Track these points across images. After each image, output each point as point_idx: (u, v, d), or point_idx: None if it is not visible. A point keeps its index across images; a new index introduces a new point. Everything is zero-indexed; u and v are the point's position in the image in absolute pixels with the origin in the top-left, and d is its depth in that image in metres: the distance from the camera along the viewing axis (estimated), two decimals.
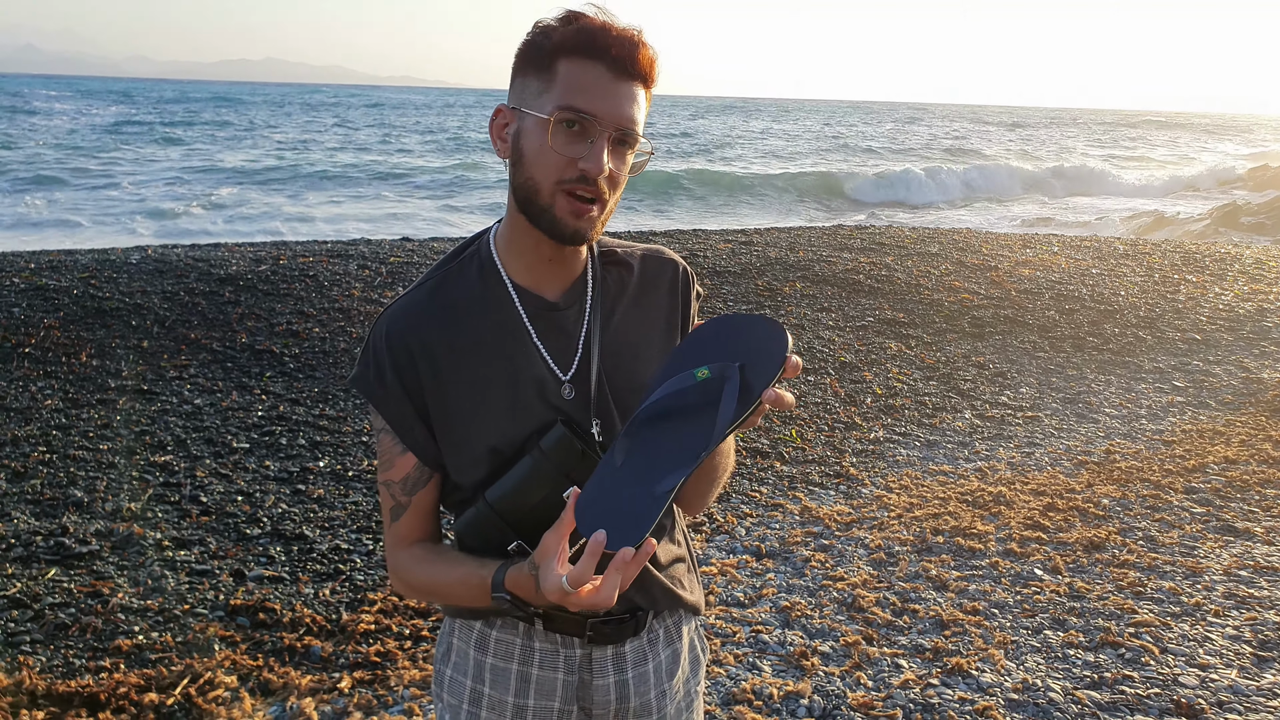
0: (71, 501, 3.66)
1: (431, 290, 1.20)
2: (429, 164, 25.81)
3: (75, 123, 35.97)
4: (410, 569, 1.19)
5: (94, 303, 5.78)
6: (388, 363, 1.16)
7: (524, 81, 1.11)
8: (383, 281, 6.74)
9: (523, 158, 1.10)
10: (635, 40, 1.07)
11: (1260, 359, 6.47)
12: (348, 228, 15.20)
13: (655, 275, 1.27)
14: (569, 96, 1.06)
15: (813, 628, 3.05)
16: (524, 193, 1.11)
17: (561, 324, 1.19)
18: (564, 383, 1.17)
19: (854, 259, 8.56)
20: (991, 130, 62.20)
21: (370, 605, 3.07)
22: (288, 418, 4.63)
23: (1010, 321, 6.98)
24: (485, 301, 1.18)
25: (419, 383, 1.16)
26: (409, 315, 1.18)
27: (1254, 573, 3.50)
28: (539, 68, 1.09)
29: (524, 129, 1.10)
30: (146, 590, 3.08)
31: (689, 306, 1.29)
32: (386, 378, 1.16)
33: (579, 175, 1.07)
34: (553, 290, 1.20)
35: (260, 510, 3.71)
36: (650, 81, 1.10)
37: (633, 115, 1.08)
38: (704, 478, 1.25)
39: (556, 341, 1.18)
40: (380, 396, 1.17)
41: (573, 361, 1.18)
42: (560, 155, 1.07)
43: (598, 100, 1.06)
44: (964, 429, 5.04)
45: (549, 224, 1.10)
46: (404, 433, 1.17)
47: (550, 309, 1.19)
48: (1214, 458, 4.65)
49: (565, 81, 1.06)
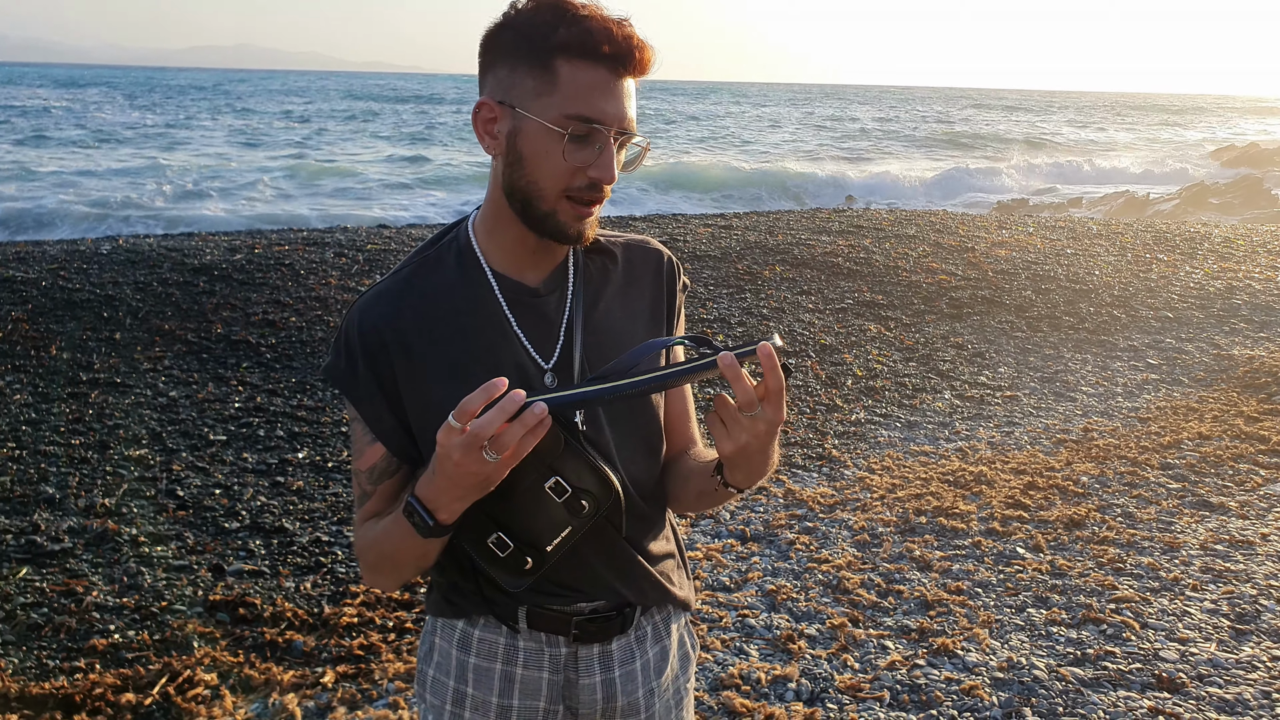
0: (43, 498, 3.58)
1: (407, 278, 1.17)
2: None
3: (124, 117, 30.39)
4: (360, 541, 1.17)
5: (64, 295, 5.66)
6: (359, 352, 1.13)
7: (513, 75, 1.07)
8: (360, 269, 6.65)
9: (523, 160, 1.07)
10: (633, 39, 1.04)
11: (1230, 336, 6.56)
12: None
13: (640, 264, 1.24)
14: (576, 105, 1.03)
15: (799, 611, 3.06)
16: (524, 195, 1.09)
17: (542, 310, 1.16)
18: (546, 371, 1.15)
19: (832, 242, 8.57)
20: (969, 112, 62.55)
21: (352, 598, 3.04)
22: (265, 409, 4.56)
23: (988, 302, 7.02)
24: (463, 288, 1.15)
25: (392, 372, 1.13)
26: (383, 303, 1.15)
27: (1229, 546, 3.55)
28: (533, 64, 1.05)
29: (523, 131, 1.06)
30: (122, 588, 3.02)
31: (675, 298, 1.26)
32: (358, 368, 1.13)
33: (589, 183, 1.06)
34: (533, 276, 1.17)
35: (239, 503, 3.65)
36: (645, 73, 1.09)
37: (631, 113, 1.07)
38: (702, 501, 1.24)
39: (537, 329, 1.16)
40: (351, 386, 1.14)
41: (554, 349, 1.16)
42: (571, 165, 1.05)
43: (603, 105, 1.04)
44: (944, 409, 5.07)
45: (553, 228, 1.09)
46: (373, 423, 1.14)
47: (531, 295, 1.16)
48: (1188, 434, 4.72)
49: (569, 86, 1.03)
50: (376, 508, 1.17)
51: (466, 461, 0.96)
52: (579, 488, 1.05)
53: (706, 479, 1.16)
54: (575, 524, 1.07)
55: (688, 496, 1.24)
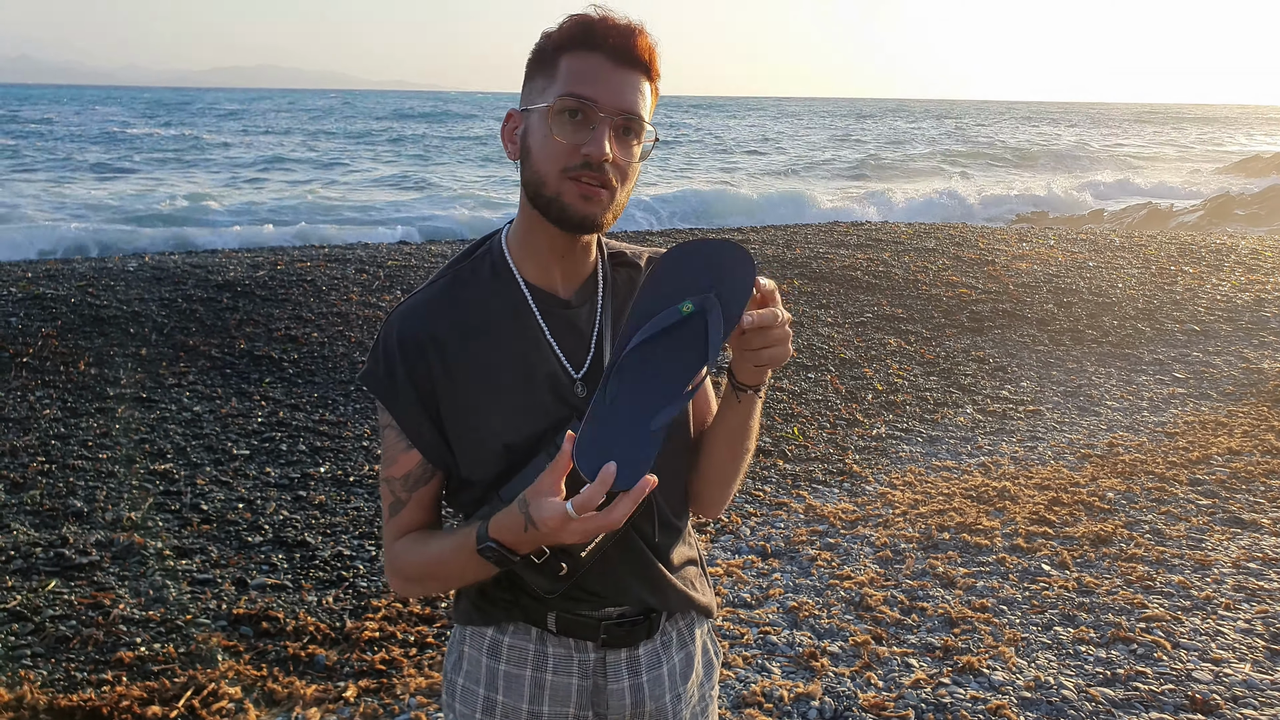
0: (71, 512, 3.62)
1: (444, 288, 1.20)
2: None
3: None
4: (403, 555, 1.19)
5: (92, 311, 5.75)
6: (398, 358, 1.16)
7: (530, 84, 1.14)
8: (381, 285, 6.71)
9: (530, 153, 1.12)
10: (633, 29, 1.09)
11: (1260, 349, 6.46)
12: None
13: None
14: (569, 85, 1.08)
15: (821, 628, 3.03)
16: (533, 186, 1.12)
17: (574, 322, 1.20)
18: (576, 380, 1.17)
19: (851, 255, 8.55)
20: (997, 122, 62.28)
21: (374, 612, 3.05)
22: (287, 423, 4.60)
23: (1009, 315, 6.97)
24: (498, 299, 1.19)
25: (430, 379, 1.16)
26: (421, 311, 1.18)
27: (1263, 565, 3.49)
28: (543, 67, 1.12)
29: (530, 126, 1.13)
30: (148, 601, 3.05)
31: None
32: (397, 374, 1.16)
33: (583, 161, 1.08)
34: (565, 289, 1.21)
35: (261, 518, 3.68)
36: (653, 72, 1.12)
37: (635, 102, 1.10)
38: (726, 470, 1.24)
39: (569, 339, 1.19)
40: (389, 393, 1.17)
41: (585, 359, 1.19)
42: (563, 143, 1.08)
43: (598, 86, 1.08)
44: (966, 424, 5.02)
45: (558, 212, 1.11)
46: (410, 429, 1.17)
47: (563, 307, 1.20)
48: (1217, 449, 4.64)
49: (566, 73, 1.09)
50: (410, 517, 1.19)
51: (570, 537, 1.01)
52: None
53: (729, 407, 1.18)
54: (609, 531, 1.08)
55: (720, 455, 1.23)
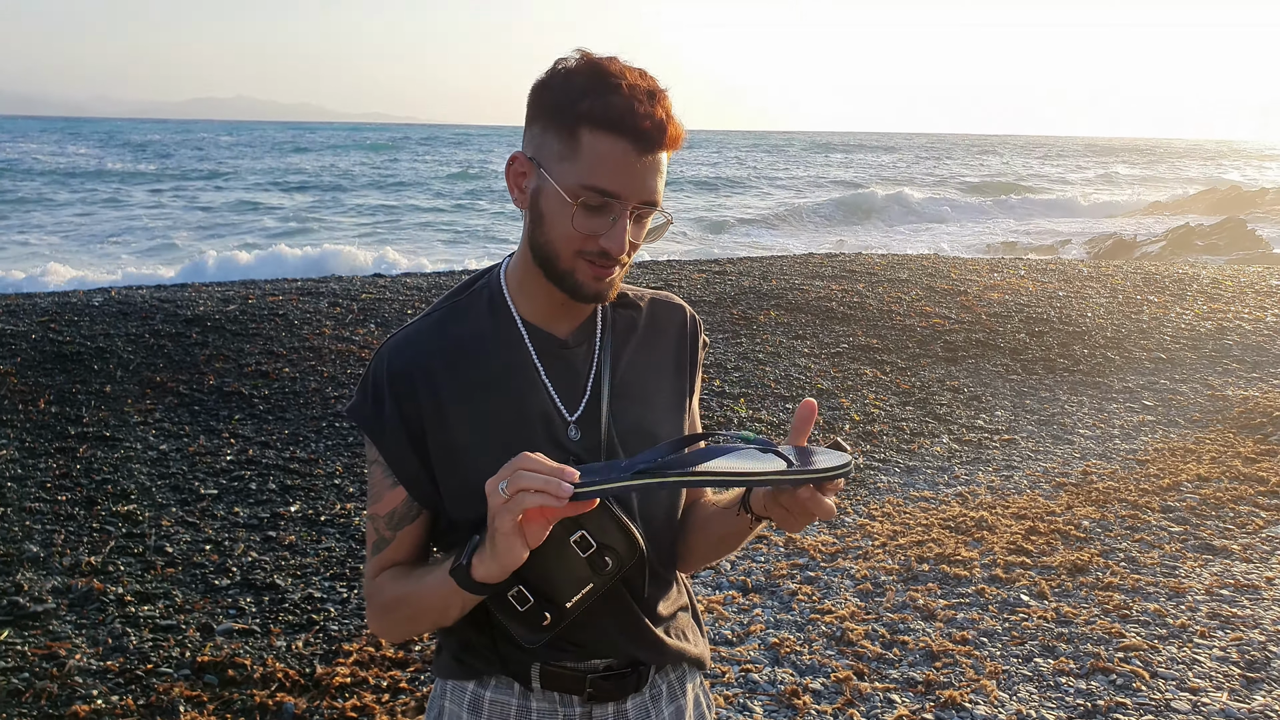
0: (26, 557, 3.50)
1: (438, 321, 1.17)
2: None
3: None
4: (383, 588, 1.14)
5: (54, 347, 5.62)
6: (387, 393, 1.13)
7: (544, 135, 1.07)
8: (354, 319, 6.64)
9: (543, 220, 1.08)
10: (663, 116, 1.04)
11: (1224, 376, 6.57)
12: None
13: (664, 319, 1.25)
14: (593, 176, 1.03)
15: (803, 664, 2.99)
16: (543, 253, 1.10)
17: (570, 361, 1.17)
18: (570, 423, 1.14)
19: (826, 286, 8.62)
20: (959, 156, 63.59)
21: (345, 657, 2.96)
22: (257, 461, 4.50)
23: (982, 345, 7.04)
24: (494, 336, 1.16)
25: (419, 415, 1.12)
26: (413, 345, 1.15)
27: (1235, 591, 3.51)
28: (560, 126, 1.05)
29: (544, 191, 1.08)
30: (106, 650, 2.94)
31: (697, 354, 1.28)
32: (384, 408, 1.12)
33: (600, 251, 1.06)
34: (562, 328, 1.18)
35: (229, 559, 3.58)
36: (676, 148, 1.08)
37: (655, 187, 1.06)
38: (708, 555, 1.22)
39: (564, 380, 1.16)
40: (376, 428, 1.13)
41: (580, 402, 1.16)
42: (582, 233, 1.05)
43: (622, 179, 1.03)
44: (942, 454, 5.04)
45: (570, 286, 1.10)
46: (397, 466, 1.13)
47: (560, 346, 1.17)
48: (1187, 476, 4.69)
49: (590, 156, 1.03)
50: (394, 555, 1.16)
51: (502, 516, 0.94)
52: (604, 544, 1.03)
53: (730, 520, 1.14)
54: (597, 581, 1.04)
55: (707, 543, 1.22)
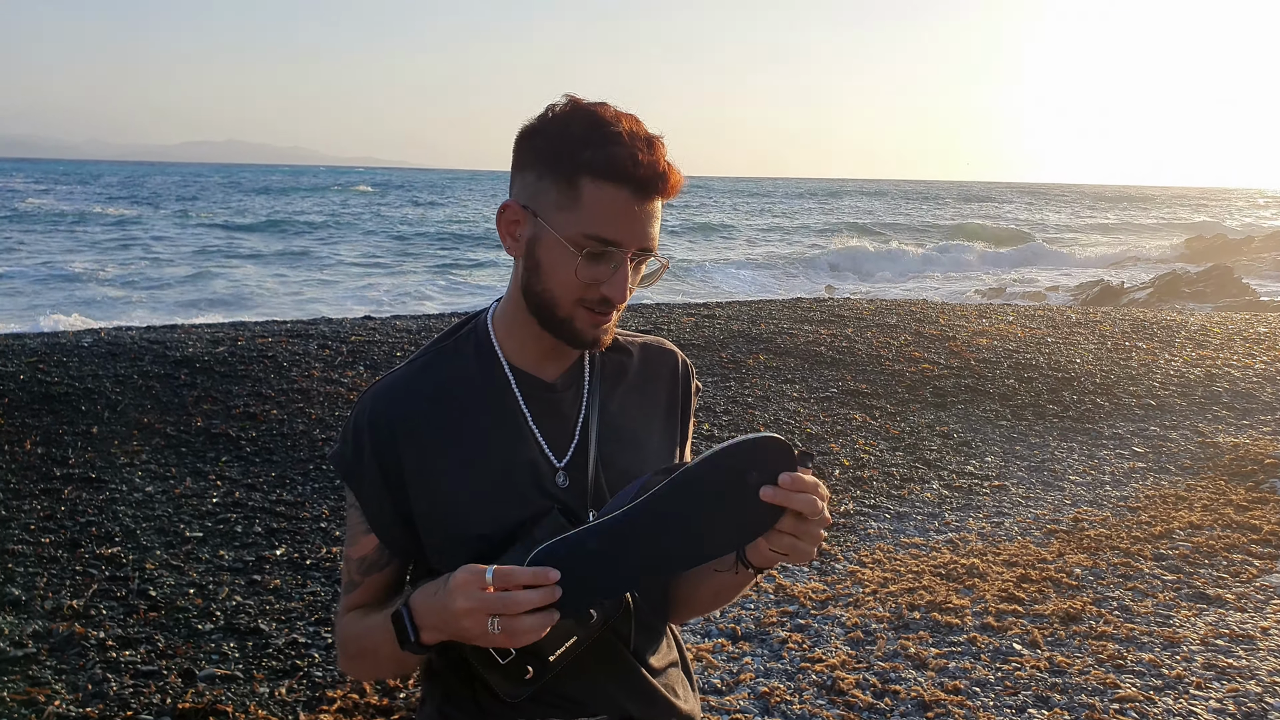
0: (8, 600, 3.44)
1: (423, 367, 1.17)
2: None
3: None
4: (346, 629, 1.14)
5: (41, 388, 5.59)
6: (368, 440, 1.12)
7: (539, 183, 1.08)
8: (343, 361, 6.64)
9: (539, 268, 1.09)
10: (660, 164, 1.05)
11: (1214, 423, 6.61)
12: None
13: (657, 364, 1.25)
14: (595, 225, 1.04)
15: (793, 714, 2.95)
16: (540, 301, 1.10)
17: (558, 406, 1.16)
18: (559, 470, 1.14)
19: (815, 331, 8.67)
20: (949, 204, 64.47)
21: (329, 703, 2.91)
22: (243, 504, 4.46)
23: (971, 390, 7.07)
24: (480, 382, 1.15)
25: (398, 465, 1.12)
26: (396, 393, 1.14)
27: (1230, 641, 3.49)
28: (558, 176, 1.05)
29: (542, 240, 1.08)
30: (86, 696, 2.88)
31: (689, 399, 1.27)
32: (364, 456, 1.12)
33: (601, 299, 1.07)
34: (550, 371, 1.18)
35: (213, 603, 3.53)
36: (675, 194, 1.10)
37: (653, 234, 1.08)
38: (700, 607, 1.23)
39: (552, 425, 1.15)
40: (354, 475, 1.13)
41: (568, 447, 1.15)
42: (583, 281, 1.07)
43: (624, 228, 1.05)
44: (933, 499, 5.03)
45: (569, 334, 1.11)
46: (372, 515, 1.13)
47: (547, 390, 1.16)
48: (1179, 523, 4.69)
49: (591, 206, 1.04)
50: (362, 599, 1.15)
51: (470, 614, 0.94)
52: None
53: (724, 577, 1.14)
54: (581, 634, 1.03)
55: (702, 597, 1.21)
